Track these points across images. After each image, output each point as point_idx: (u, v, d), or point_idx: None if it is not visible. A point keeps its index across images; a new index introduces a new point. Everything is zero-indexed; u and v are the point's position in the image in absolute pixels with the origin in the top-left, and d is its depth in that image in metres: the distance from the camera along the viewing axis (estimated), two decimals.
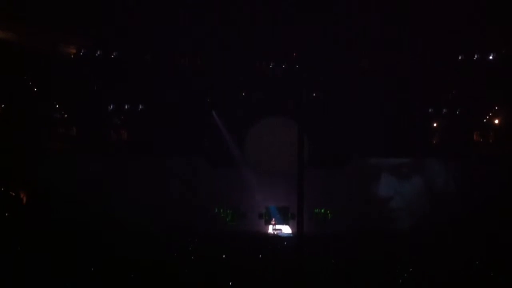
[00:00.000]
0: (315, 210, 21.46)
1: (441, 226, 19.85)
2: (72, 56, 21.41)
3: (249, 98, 22.15)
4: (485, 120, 21.59)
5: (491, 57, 21.14)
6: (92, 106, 21.70)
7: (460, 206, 20.59)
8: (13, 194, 20.62)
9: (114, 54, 21.49)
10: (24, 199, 20.83)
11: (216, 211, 21.85)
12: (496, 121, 21.40)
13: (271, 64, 22.02)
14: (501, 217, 19.28)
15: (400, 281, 15.32)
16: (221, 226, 21.40)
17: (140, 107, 21.92)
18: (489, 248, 16.42)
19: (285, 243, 20.03)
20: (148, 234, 18.42)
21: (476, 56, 21.19)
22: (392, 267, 16.40)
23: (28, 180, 20.76)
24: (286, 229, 21.87)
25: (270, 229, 21.83)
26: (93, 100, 21.73)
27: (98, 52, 21.42)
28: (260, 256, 17.18)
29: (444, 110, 21.67)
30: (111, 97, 21.89)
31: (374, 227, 20.37)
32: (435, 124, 21.94)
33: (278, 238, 20.80)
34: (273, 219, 21.90)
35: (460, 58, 21.25)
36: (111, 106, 22.01)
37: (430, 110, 21.76)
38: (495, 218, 19.17)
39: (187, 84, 21.53)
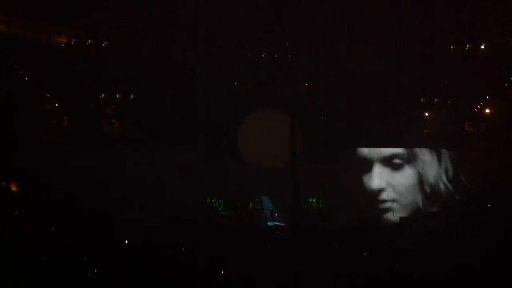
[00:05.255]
0: (309, 200, 21.51)
1: (434, 216, 20.10)
2: (63, 45, 21.27)
3: (241, 88, 22.11)
4: (476, 110, 21.69)
5: (483, 47, 21.19)
6: (84, 96, 21.54)
7: (453, 196, 20.84)
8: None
9: (105, 43, 21.38)
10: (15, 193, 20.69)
11: (208, 200, 21.88)
12: (488, 111, 21.50)
13: (263, 54, 21.96)
14: (493, 206, 19.50)
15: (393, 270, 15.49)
16: (213, 216, 21.42)
17: (132, 96, 21.87)
18: (482, 237, 16.59)
19: (277, 232, 20.14)
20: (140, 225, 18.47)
21: (468, 46, 21.23)
22: (385, 257, 16.59)
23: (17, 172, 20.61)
24: (278, 220, 21.92)
25: (266, 221, 21.84)
26: (84, 90, 21.57)
27: (89, 41, 21.31)
28: (252, 246, 17.29)
29: (435, 100, 21.75)
30: (102, 87, 21.74)
31: (366, 217, 20.50)
32: (426, 114, 22.02)
33: (271, 229, 20.87)
34: (272, 212, 21.90)
35: (452, 48, 21.29)
36: (103, 96, 21.94)
37: (422, 100, 21.84)
38: (487, 208, 19.39)
39: (179, 74, 21.45)
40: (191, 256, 16.61)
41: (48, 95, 21.64)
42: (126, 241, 16.85)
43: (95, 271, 14.69)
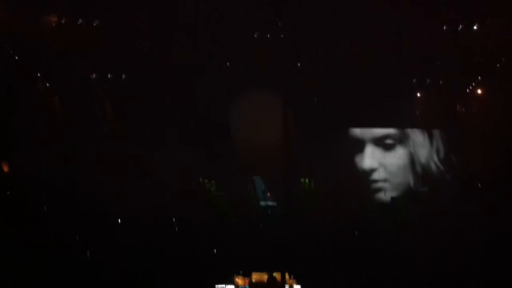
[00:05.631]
0: (301, 180, 21.56)
1: (425, 197, 20.19)
2: (54, 25, 21.04)
3: (233, 68, 21.99)
4: (468, 91, 21.74)
5: (475, 28, 21.15)
6: (75, 76, 21.39)
7: (444, 176, 20.93)
8: None
9: (96, 22, 21.15)
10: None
11: (200, 180, 21.85)
12: (480, 92, 21.55)
13: (255, 34, 21.83)
14: (484, 186, 19.61)
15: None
16: (205, 196, 21.41)
17: (123, 76, 21.73)
18: (473, 219, 16.71)
19: (269, 211, 20.20)
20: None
21: (460, 27, 21.18)
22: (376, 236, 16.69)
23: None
24: (270, 201, 21.96)
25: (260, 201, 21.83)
26: (75, 70, 21.41)
27: (80, 21, 21.08)
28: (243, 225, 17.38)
29: (428, 81, 21.76)
30: (94, 66, 21.57)
31: (358, 198, 20.58)
32: (418, 94, 22.05)
33: (263, 209, 20.92)
34: (264, 192, 21.90)
35: (444, 28, 21.24)
36: (94, 75, 21.79)
37: (414, 81, 21.84)
38: (478, 188, 19.50)
39: (170, 56, 21.30)
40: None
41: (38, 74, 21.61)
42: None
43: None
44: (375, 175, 21.41)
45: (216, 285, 14.52)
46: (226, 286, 14.66)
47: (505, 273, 15.07)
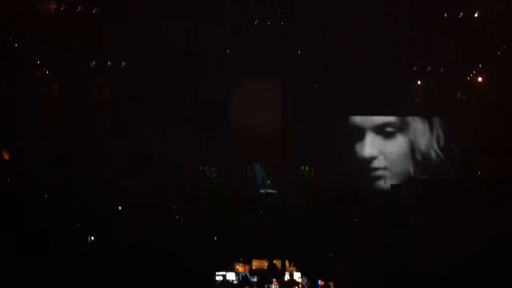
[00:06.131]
0: (301, 168, 21.56)
1: (425, 185, 20.23)
2: (53, 12, 20.99)
3: (233, 55, 21.95)
4: (468, 79, 21.73)
5: (476, 15, 21.12)
6: (75, 63, 21.32)
7: (444, 164, 20.98)
8: None
9: (95, 9, 21.12)
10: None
11: (200, 168, 21.85)
12: (480, 80, 21.54)
13: (256, 22, 21.77)
14: (483, 174, 19.68)
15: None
16: (205, 184, 21.40)
17: (123, 64, 21.69)
18: (473, 206, 16.75)
19: (269, 199, 20.21)
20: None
21: (461, 14, 21.16)
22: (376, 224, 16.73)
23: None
24: (270, 187, 21.96)
25: (259, 189, 21.85)
26: (75, 57, 21.33)
27: (80, 8, 21.03)
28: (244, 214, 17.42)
29: (428, 69, 21.74)
30: (93, 53, 21.49)
31: (358, 185, 20.61)
32: (419, 82, 22.04)
33: (263, 196, 20.93)
34: (263, 179, 21.89)
35: (445, 16, 21.21)
36: (93, 63, 21.74)
37: (414, 69, 21.82)
38: (478, 176, 19.57)
39: (169, 43, 21.24)
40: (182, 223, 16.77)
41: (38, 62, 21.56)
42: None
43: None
44: (375, 163, 21.45)
45: (217, 272, 14.58)
46: (227, 273, 14.72)
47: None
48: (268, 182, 22.02)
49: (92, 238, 15.64)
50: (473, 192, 18.39)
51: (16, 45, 20.98)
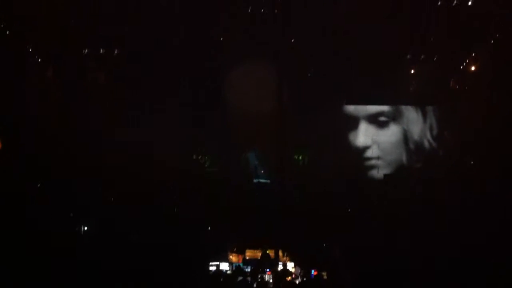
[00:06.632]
0: (295, 157, 21.51)
1: (418, 174, 20.23)
2: None
3: (228, 40, 21.77)
4: (462, 67, 21.66)
5: (470, 3, 21.00)
6: (68, 46, 21.06)
7: (437, 153, 20.98)
8: None
9: None
10: None
11: (194, 157, 21.71)
12: (473, 68, 21.47)
13: (249, 9, 21.58)
14: (477, 162, 19.68)
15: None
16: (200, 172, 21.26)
17: (116, 52, 21.50)
18: (467, 194, 16.75)
19: (262, 188, 20.17)
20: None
21: (455, 1, 21.03)
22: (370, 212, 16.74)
23: None
24: (263, 177, 21.93)
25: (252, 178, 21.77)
26: (68, 39, 21.07)
27: None
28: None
29: (422, 57, 21.65)
30: (86, 36, 21.26)
31: (352, 174, 20.59)
32: (412, 71, 21.96)
33: (256, 185, 20.88)
34: (256, 168, 21.81)
35: (439, 3, 21.08)
36: (87, 50, 21.54)
37: (408, 57, 21.72)
38: (471, 164, 19.57)
39: (164, 27, 21.03)
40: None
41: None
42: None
43: None
44: (369, 152, 21.43)
45: (210, 262, 14.59)
46: (220, 263, 14.73)
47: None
48: (262, 171, 22.00)
49: (85, 228, 15.57)
50: (468, 183, 18.38)
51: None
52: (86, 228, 16.18)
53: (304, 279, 14.57)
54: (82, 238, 15.68)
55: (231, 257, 15.47)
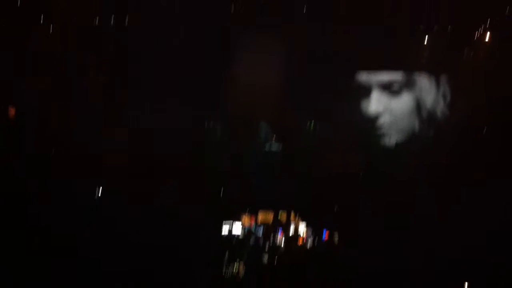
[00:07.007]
0: (307, 123, 21.48)
1: (430, 143, 20.19)
2: None
3: (237, 10, 21.66)
4: (475, 38, 21.53)
5: None
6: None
7: (450, 121, 20.89)
8: None
9: None
10: None
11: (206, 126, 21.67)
12: (487, 39, 21.34)
13: None
14: (487, 131, 19.62)
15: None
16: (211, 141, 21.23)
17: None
18: (474, 164, 16.72)
19: (274, 154, 20.17)
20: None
21: None
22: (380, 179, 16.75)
23: None
24: (274, 145, 21.93)
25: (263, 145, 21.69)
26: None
27: None
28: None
29: (435, 28, 21.52)
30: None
31: (361, 142, 20.57)
32: (425, 41, 21.84)
33: (267, 152, 20.90)
34: (266, 135, 21.77)
35: None
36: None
37: (421, 27, 21.59)
38: (482, 132, 19.51)
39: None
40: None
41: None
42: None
43: None
44: (381, 120, 21.39)
45: (224, 221, 14.68)
46: (234, 222, 14.82)
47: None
48: (273, 139, 21.98)
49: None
50: (478, 152, 18.37)
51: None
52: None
53: (315, 241, 14.66)
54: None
55: (243, 219, 15.54)
